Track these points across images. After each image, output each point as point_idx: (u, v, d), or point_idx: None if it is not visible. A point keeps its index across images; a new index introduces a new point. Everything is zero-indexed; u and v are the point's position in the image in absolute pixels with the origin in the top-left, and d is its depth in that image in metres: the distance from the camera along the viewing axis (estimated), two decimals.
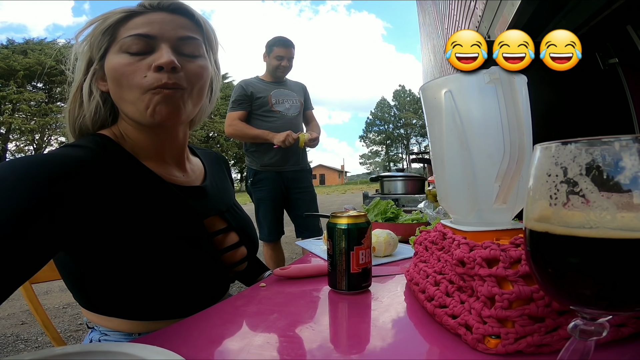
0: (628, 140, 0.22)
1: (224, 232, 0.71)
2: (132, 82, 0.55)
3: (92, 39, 0.58)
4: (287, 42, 2.16)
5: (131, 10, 0.58)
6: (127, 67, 0.55)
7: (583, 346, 0.26)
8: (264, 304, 0.57)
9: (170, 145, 0.65)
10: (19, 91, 22.75)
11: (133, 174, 0.58)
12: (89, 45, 0.58)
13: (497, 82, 0.42)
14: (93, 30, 0.58)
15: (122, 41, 0.56)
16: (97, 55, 0.58)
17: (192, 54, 0.60)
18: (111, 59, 0.57)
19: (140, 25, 0.57)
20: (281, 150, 2.09)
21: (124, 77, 0.56)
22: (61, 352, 0.36)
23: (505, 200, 0.43)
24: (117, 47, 0.57)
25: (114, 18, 0.57)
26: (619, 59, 1.60)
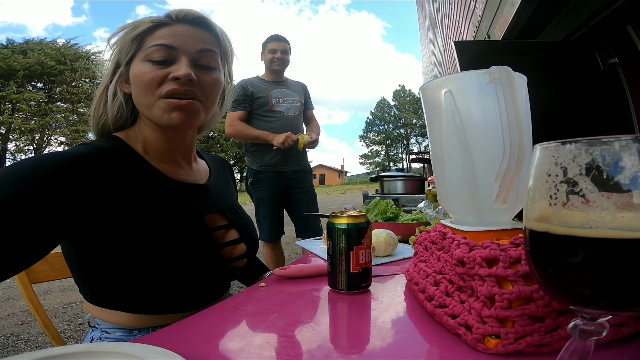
0: (628, 140, 0.22)
1: (224, 229, 0.73)
2: (151, 89, 0.61)
3: (122, 45, 0.64)
4: (278, 36, 2.21)
5: (159, 21, 0.64)
6: (148, 74, 0.61)
7: (583, 346, 0.26)
8: (264, 304, 0.57)
9: (180, 146, 0.71)
10: (18, 91, 22.73)
11: (137, 170, 0.63)
12: (119, 49, 0.64)
13: (497, 82, 0.42)
14: (124, 36, 0.64)
15: (147, 50, 0.62)
16: (124, 59, 0.64)
17: (209, 65, 0.65)
18: (136, 66, 0.63)
19: (165, 36, 0.62)
20: (281, 150, 2.09)
21: (144, 83, 0.61)
22: (62, 352, 0.36)
23: (505, 200, 0.43)
24: (143, 55, 0.63)
25: (143, 27, 0.63)
26: (619, 59, 1.60)
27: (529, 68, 0.44)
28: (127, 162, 0.62)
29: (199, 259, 0.64)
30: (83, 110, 25.46)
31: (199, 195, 0.71)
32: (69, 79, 24.43)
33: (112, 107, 0.65)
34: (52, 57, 23.81)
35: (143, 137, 0.67)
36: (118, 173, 0.59)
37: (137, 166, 0.63)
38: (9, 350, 2.00)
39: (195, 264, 0.63)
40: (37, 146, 24.50)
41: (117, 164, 0.60)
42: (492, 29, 2.37)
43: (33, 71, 23.19)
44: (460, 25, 3.78)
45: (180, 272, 0.62)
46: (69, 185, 0.52)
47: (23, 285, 0.83)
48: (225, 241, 0.72)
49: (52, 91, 25.03)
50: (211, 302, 0.70)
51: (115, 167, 0.59)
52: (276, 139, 2.03)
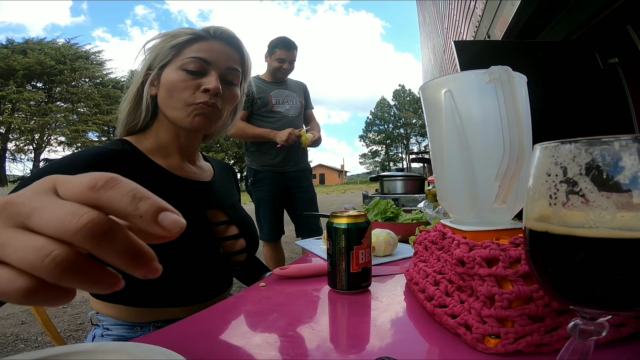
0: (628, 140, 0.22)
1: (225, 224, 0.77)
2: (181, 96, 0.68)
3: (159, 51, 0.70)
4: (289, 44, 2.13)
5: (198, 34, 0.70)
6: (181, 82, 0.68)
7: (582, 346, 0.26)
8: (264, 304, 0.57)
9: (187, 147, 0.77)
10: (18, 91, 22.70)
11: (145, 169, 0.68)
12: (154, 55, 0.70)
13: (497, 82, 0.42)
14: (162, 43, 0.70)
15: (184, 59, 0.68)
16: (158, 64, 0.69)
17: (232, 82, 0.73)
18: (170, 72, 0.69)
19: (202, 50, 0.69)
20: (284, 149, 2.09)
21: (177, 90, 0.68)
22: (63, 352, 0.36)
23: (505, 200, 0.43)
24: (179, 63, 0.68)
25: (183, 38, 0.69)
26: (619, 59, 1.60)
27: (529, 68, 0.43)
28: (135, 162, 0.67)
29: (200, 252, 0.66)
30: (83, 110, 25.46)
31: (202, 191, 0.76)
32: (68, 78, 24.41)
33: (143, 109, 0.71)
34: (51, 57, 23.80)
35: (155, 138, 0.73)
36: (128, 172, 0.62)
37: (144, 165, 0.68)
38: (8, 350, 2.00)
39: (196, 256, 0.65)
40: (37, 146, 24.48)
41: (127, 164, 0.65)
42: (492, 29, 2.37)
43: (33, 71, 23.17)
44: (460, 25, 3.78)
45: (182, 264, 0.64)
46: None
47: None
48: (225, 236, 0.76)
49: (51, 91, 25.01)
50: (213, 297, 0.73)
51: (125, 167, 0.64)
52: (279, 136, 2.02)
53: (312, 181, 2.36)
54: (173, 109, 0.69)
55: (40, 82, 24.70)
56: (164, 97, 0.70)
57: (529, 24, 1.91)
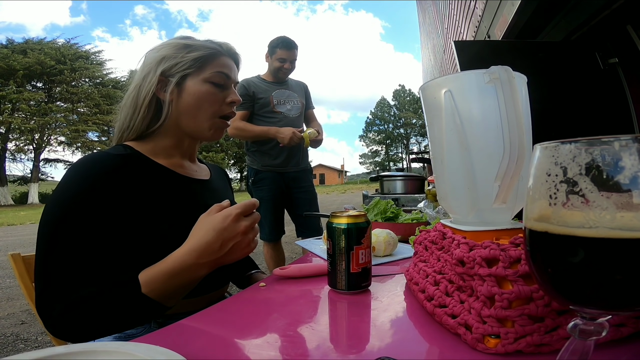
0: (628, 140, 0.22)
1: None
2: (210, 108, 0.74)
3: (178, 59, 0.72)
4: (290, 43, 2.13)
5: (217, 50, 0.75)
6: (211, 95, 0.74)
7: (582, 346, 0.26)
8: (264, 304, 0.57)
9: (189, 149, 0.81)
10: (18, 91, 22.66)
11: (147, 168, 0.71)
12: (173, 62, 0.72)
13: (497, 82, 0.42)
14: (181, 52, 0.72)
15: (210, 73, 0.73)
16: (179, 72, 0.72)
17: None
18: (195, 84, 0.73)
19: (224, 66, 0.75)
20: (285, 150, 2.08)
21: (206, 102, 0.73)
22: (64, 352, 0.36)
23: (504, 200, 0.43)
24: (205, 75, 0.73)
25: (206, 52, 0.73)
26: (619, 59, 1.60)
27: (529, 68, 0.43)
28: (140, 164, 0.70)
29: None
30: (83, 110, 25.45)
31: (203, 187, 0.81)
32: (68, 78, 24.39)
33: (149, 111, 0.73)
34: (51, 57, 23.77)
35: (157, 143, 0.75)
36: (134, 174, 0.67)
37: (149, 166, 0.72)
38: (8, 350, 2.00)
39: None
40: (37, 146, 24.47)
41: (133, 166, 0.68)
42: (492, 29, 2.37)
43: (33, 71, 23.14)
44: (460, 25, 3.78)
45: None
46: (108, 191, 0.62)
47: (24, 284, 0.83)
48: None
49: (51, 91, 24.98)
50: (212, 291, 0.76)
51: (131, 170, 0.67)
52: (281, 137, 2.01)
53: (313, 181, 2.36)
54: (197, 119, 0.74)
55: (40, 82, 24.66)
56: (188, 106, 0.73)
57: (529, 24, 1.91)
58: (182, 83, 0.73)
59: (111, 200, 0.63)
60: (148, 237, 0.65)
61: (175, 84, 0.72)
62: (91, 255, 0.60)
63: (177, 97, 0.73)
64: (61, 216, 0.60)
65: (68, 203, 0.60)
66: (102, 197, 0.62)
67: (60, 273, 0.57)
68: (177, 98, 0.73)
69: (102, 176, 0.63)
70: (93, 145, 25.25)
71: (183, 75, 0.72)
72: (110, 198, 0.63)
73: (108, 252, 0.62)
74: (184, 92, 0.73)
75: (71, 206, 0.60)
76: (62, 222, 0.59)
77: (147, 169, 0.71)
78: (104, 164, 0.65)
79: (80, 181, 0.62)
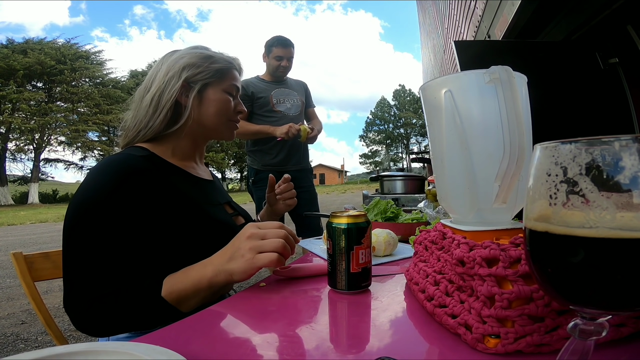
0: (628, 140, 0.22)
1: (235, 215, 0.90)
2: (226, 114, 0.84)
3: (203, 69, 0.80)
4: (286, 41, 2.14)
5: (232, 64, 0.85)
6: (229, 104, 0.84)
7: (582, 346, 0.26)
8: (263, 304, 0.57)
9: (201, 151, 0.89)
10: (18, 90, 22.65)
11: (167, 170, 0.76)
12: (196, 71, 0.79)
13: (497, 82, 0.42)
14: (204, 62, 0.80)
15: (228, 84, 0.84)
16: (201, 80, 0.80)
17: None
18: (216, 92, 0.82)
19: (236, 79, 0.86)
20: (285, 148, 2.09)
21: (225, 109, 0.84)
22: (64, 351, 0.36)
23: (505, 199, 0.43)
24: (224, 86, 0.83)
25: (225, 65, 0.83)
26: (619, 59, 1.60)
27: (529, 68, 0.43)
28: (159, 166, 0.75)
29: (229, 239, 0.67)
30: (83, 109, 25.45)
31: (214, 188, 0.88)
32: (68, 78, 24.38)
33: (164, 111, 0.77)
34: (52, 57, 23.76)
35: (172, 144, 0.81)
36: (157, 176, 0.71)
37: (167, 168, 0.77)
38: (9, 350, 2.01)
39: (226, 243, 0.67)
40: (37, 145, 24.47)
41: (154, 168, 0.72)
42: (492, 29, 2.37)
43: (33, 71, 23.14)
44: (461, 25, 3.77)
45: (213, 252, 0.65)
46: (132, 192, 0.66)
47: (26, 283, 0.83)
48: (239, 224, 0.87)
49: (52, 91, 24.97)
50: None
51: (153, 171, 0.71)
52: (279, 131, 2.02)
53: (313, 181, 2.36)
54: (215, 124, 0.83)
55: (41, 82, 24.64)
56: (208, 112, 0.81)
57: (529, 24, 1.91)
58: (204, 90, 0.81)
59: (135, 201, 0.66)
60: (170, 236, 0.69)
61: (197, 90, 0.79)
62: (116, 254, 0.62)
63: (198, 103, 0.80)
64: (87, 216, 0.62)
65: (94, 203, 0.63)
66: (127, 197, 0.65)
67: (86, 271, 0.60)
68: (198, 104, 0.80)
69: (127, 177, 0.66)
70: (93, 145, 25.26)
71: (205, 83, 0.80)
72: (134, 198, 0.66)
73: (132, 251, 0.64)
74: (205, 99, 0.81)
75: (96, 206, 0.63)
76: (87, 222, 0.62)
77: (166, 170, 0.75)
78: (129, 164, 0.68)
79: (106, 181, 0.65)
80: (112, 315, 0.59)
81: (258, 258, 0.58)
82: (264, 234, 0.60)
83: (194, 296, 0.60)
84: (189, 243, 0.70)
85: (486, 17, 2.52)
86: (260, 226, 0.61)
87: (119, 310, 0.59)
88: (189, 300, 0.60)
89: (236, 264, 0.59)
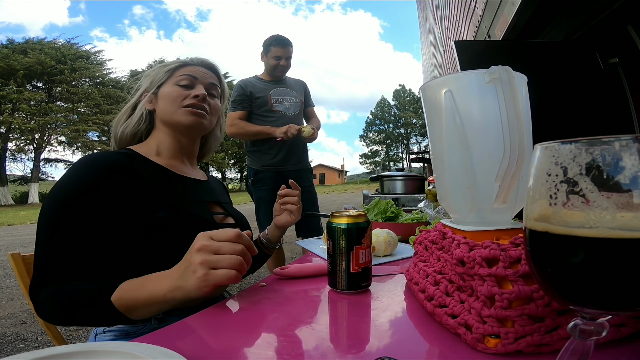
0: (628, 140, 0.22)
1: (223, 215, 0.88)
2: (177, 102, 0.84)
3: (155, 76, 0.86)
4: (284, 41, 2.14)
5: (186, 62, 0.89)
6: (177, 93, 0.84)
7: (583, 346, 0.26)
8: (263, 304, 0.57)
9: (186, 148, 0.89)
10: (19, 90, 22.65)
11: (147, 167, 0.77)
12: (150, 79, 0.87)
13: (497, 82, 0.42)
14: (157, 70, 0.87)
15: (177, 78, 0.85)
16: (155, 85, 0.85)
17: (214, 95, 0.90)
18: (166, 88, 0.85)
19: (190, 71, 0.87)
20: (284, 148, 2.09)
21: (173, 99, 0.84)
22: (62, 352, 0.36)
23: (505, 200, 0.43)
24: (173, 81, 0.85)
25: (175, 64, 0.87)
26: (620, 59, 1.60)
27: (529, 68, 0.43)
28: (140, 164, 0.76)
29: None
30: (83, 109, 25.46)
31: (201, 187, 0.87)
32: (69, 78, 24.38)
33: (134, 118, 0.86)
34: (52, 57, 23.76)
35: (157, 142, 0.84)
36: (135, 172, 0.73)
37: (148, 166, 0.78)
38: (9, 349, 2.01)
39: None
40: (37, 145, 24.47)
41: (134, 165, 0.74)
42: (493, 29, 2.37)
43: (33, 71, 23.13)
44: (461, 25, 3.77)
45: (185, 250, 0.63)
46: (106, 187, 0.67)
47: (24, 283, 0.83)
48: (224, 223, 0.86)
49: (52, 91, 24.97)
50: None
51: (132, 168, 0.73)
52: (278, 130, 2.02)
53: (313, 181, 2.36)
54: (171, 113, 0.83)
55: (41, 82, 24.64)
56: (163, 107, 0.84)
57: (530, 24, 1.91)
58: (158, 91, 0.86)
59: (108, 196, 0.67)
60: (144, 232, 0.68)
61: (154, 94, 0.86)
62: (79, 247, 0.63)
63: (156, 102, 0.86)
64: (58, 209, 0.64)
65: (66, 197, 0.65)
66: (100, 192, 0.66)
67: (52, 262, 0.62)
68: (156, 102, 0.86)
69: (101, 172, 0.67)
70: (93, 145, 25.25)
71: (159, 85, 0.86)
72: (108, 194, 0.67)
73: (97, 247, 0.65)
74: (160, 97, 0.85)
75: (69, 200, 0.64)
76: (58, 215, 0.63)
77: (145, 167, 0.76)
78: (104, 161, 0.69)
79: (80, 176, 0.67)
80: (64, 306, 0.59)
81: (212, 274, 0.52)
82: (218, 248, 0.53)
83: (145, 308, 0.56)
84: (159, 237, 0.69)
85: (486, 17, 2.52)
86: (214, 236, 0.54)
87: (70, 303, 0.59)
88: (139, 311, 0.57)
89: (189, 280, 0.53)
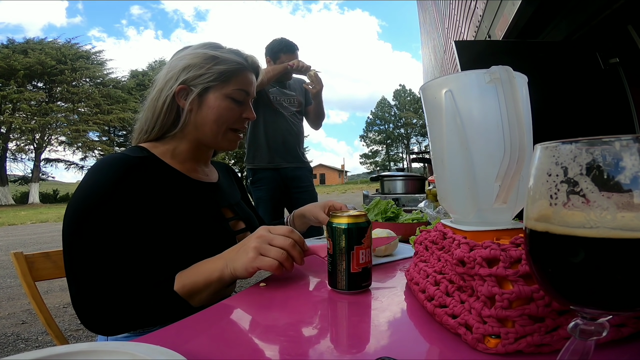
0: (628, 140, 0.22)
1: (235, 220, 0.87)
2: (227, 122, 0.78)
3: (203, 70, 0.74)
4: (293, 47, 2.13)
5: (242, 64, 0.78)
6: (228, 111, 0.77)
7: (583, 346, 0.26)
8: (264, 304, 0.57)
9: (204, 155, 0.86)
10: (19, 90, 22.66)
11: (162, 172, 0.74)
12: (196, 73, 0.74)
13: (498, 82, 0.42)
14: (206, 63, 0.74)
15: (232, 90, 0.77)
16: (202, 83, 0.75)
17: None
18: (217, 97, 0.76)
19: (246, 83, 0.79)
20: (280, 145, 2.09)
21: (222, 117, 0.77)
22: (65, 351, 0.36)
23: (505, 200, 0.43)
24: (226, 91, 0.76)
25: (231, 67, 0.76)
26: (620, 59, 1.60)
27: (529, 68, 0.43)
28: (156, 167, 0.73)
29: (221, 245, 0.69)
30: (83, 109, 25.46)
31: (215, 191, 0.84)
32: (69, 78, 24.38)
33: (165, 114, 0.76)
34: (52, 57, 23.77)
35: (173, 146, 0.79)
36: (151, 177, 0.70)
37: (163, 170, 0.75)
38: (9, 349, 2.01)
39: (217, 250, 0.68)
40: (38, 145, 24.48)
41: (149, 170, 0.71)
42: (493, 29, 2.37)
43: (33, 71, 23.14)
44: (461, 25, 3.77)
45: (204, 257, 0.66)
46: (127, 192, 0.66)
47: (27, 283, 0.83)
48: (236, 229, 0.85)
49: (52, 91, 24.97)
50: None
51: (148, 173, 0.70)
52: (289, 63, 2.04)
53: (313, 181, 2.36)
54: (213, 132, 0.77)
55: (41, 82, 24.65)
56: (206, 118, 0.76)
57: (530, 24, 1.91)
58: (204, 95, 0.76)
59: (132, 199, 0.66)
60: (162, 238, 0.68)
61: (197, 94, 0.75)
62: (117, 253, 0.62)
63: (197, 107, 0.76)
64: (85, 216, 0.62)
65: (90, 203, 0.63)
66: (122, 197, 0.65)
67: (92, 271, 0.60)
68: (197, 108, 0.76)
69: (122, 177, 0.66)
70: (94, 145, 25.27)
71: (206, 87, 0.75)
72: (129, 198, 0.66)
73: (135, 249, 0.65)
74: (205, 104, 0.76)
75: (94, 206, 0.63)
76: (86, 222, 0.62)
77: (161, 173, 0.74)
78: (123, 165, 0.68)
79: (101, 182, 0.65)
80: (124, 312, 0.59)
81: (259, 259, 0.59)
82: (272, 239, 0.61)
83: (205, 289, 0.61)
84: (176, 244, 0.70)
85: (486, 17, 2.52)
86: (272, 230, 0.62)
87: (130, 306, 0.59)
88: (200, 294, 0.61)
89: (239, 259, 0.60)
